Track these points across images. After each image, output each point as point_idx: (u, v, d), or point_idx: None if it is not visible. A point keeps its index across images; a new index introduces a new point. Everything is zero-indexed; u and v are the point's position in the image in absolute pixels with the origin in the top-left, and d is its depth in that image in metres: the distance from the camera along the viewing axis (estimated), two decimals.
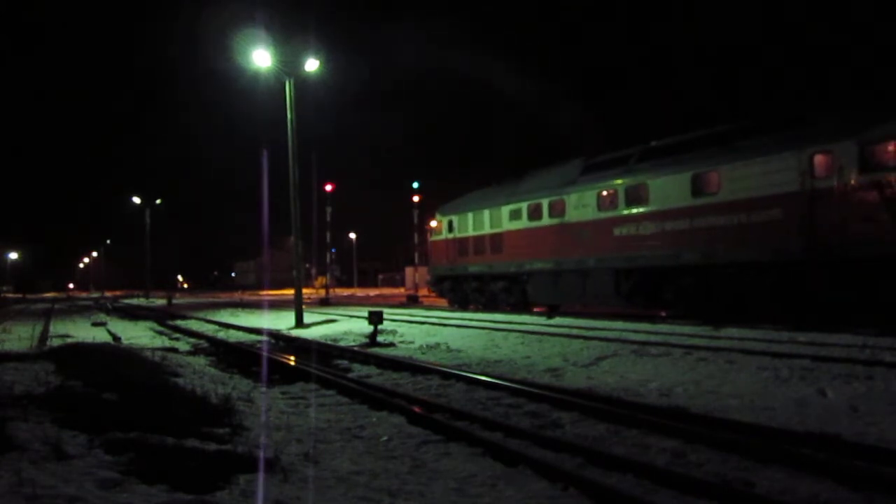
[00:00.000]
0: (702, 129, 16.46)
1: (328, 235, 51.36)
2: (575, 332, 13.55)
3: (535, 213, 20.79)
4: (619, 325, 14.89)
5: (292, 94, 21.57)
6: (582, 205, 18.75)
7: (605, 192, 18.08)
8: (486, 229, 22.99)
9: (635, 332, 13.25)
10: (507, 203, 22.03)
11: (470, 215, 24.14)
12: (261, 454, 4.85)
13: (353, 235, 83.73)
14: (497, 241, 22.41)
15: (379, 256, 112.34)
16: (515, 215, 21.63)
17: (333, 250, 61.25)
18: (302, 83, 22.26)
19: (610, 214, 17.80)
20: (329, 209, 50.06)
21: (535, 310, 21.78)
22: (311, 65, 21.51)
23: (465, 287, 25.01)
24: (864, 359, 8.55)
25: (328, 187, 49.36)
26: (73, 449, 4.62)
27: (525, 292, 21.44)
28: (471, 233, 23.97)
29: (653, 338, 12.00)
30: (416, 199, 44.97)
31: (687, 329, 13.40)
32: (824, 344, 10.27)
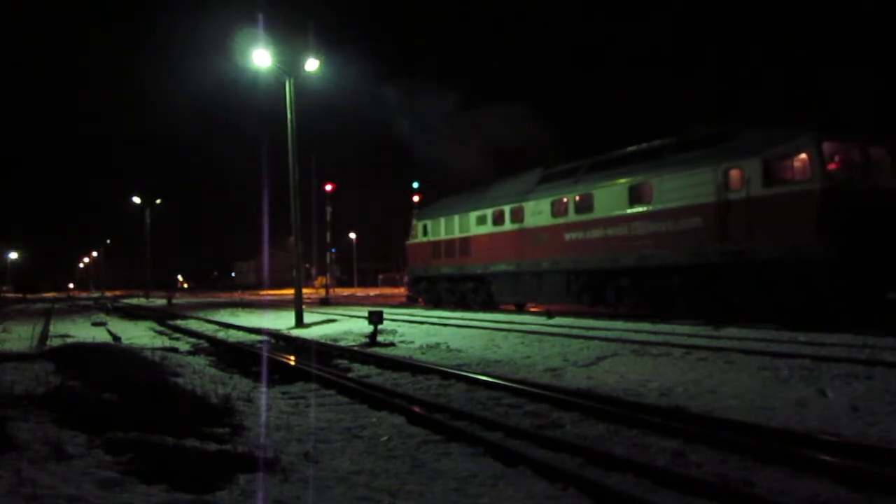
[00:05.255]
0: (639, 144, 18.05)
1: (328, 235, 51.46)
2: (575, 332, 13.56)
3: (498, 219, 22.46)
4: (619, 325, 14.93)
5: (292, 94, 21.56)
6: (538, 212, 20.43)
7: (557, 201, 19.71)
8: (457, 233, 24.80)
9: (635, 332, 13.27)
10: (475, 209, 23.84)
11: (442, 220, 25.90)
12: (261, 454, 4.85)
13: (353, 235, 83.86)
14: (466, 244, 24.15)
15: (379, 256, 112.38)
16: (482, 220, 23.37)
17: (334, 250, 61.30)
18: (302, 83, 22.26)
19: (561, 221, 19.44)
20: (329, 209, 50.18)
21: (501, 307, 23.35)
22: (311, 65, 21.49)
23: (438, 287, 26.50)
24: (864, 359, 8.56)
25: (328, 187, 49.48)
26: (73, 449, 4.62)
27: (490, 292, 22.98)
28: (443, 236, 25.73)
29: (653, 338, 12.01)
30: (416, 198, 45.10)
31: (687, 329, 13.42)
32: (824, 344, 10.27)
